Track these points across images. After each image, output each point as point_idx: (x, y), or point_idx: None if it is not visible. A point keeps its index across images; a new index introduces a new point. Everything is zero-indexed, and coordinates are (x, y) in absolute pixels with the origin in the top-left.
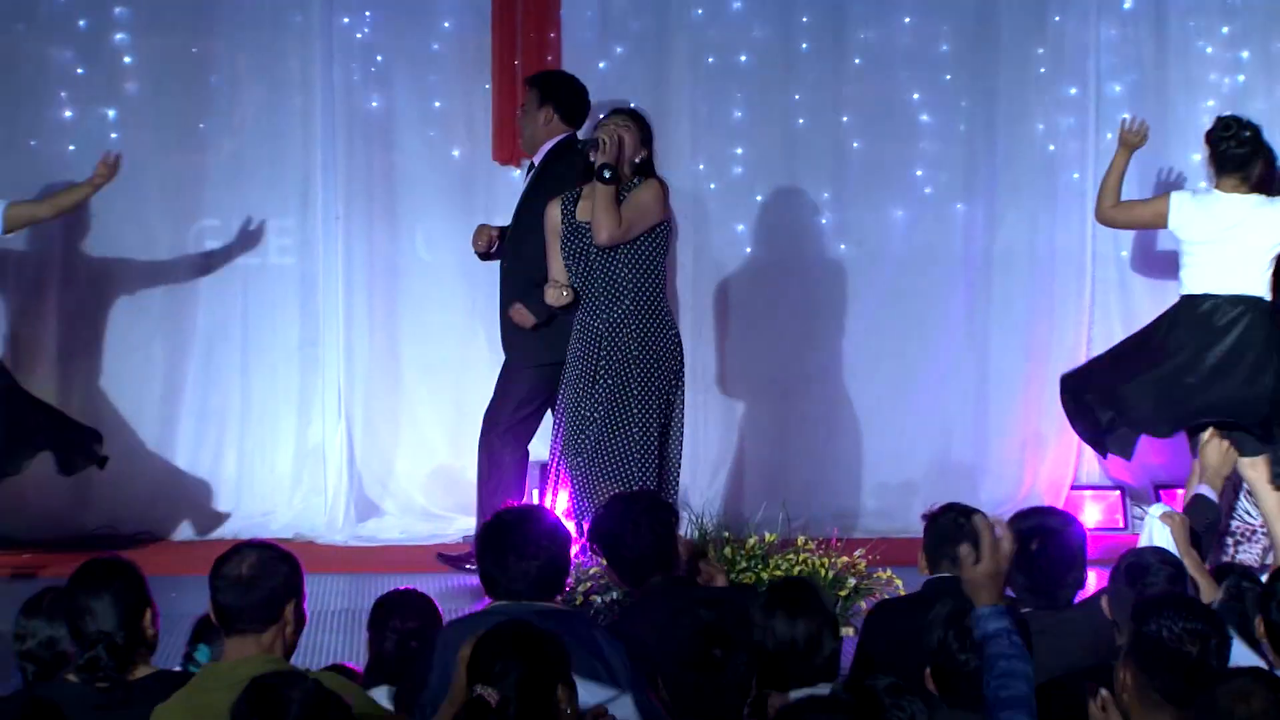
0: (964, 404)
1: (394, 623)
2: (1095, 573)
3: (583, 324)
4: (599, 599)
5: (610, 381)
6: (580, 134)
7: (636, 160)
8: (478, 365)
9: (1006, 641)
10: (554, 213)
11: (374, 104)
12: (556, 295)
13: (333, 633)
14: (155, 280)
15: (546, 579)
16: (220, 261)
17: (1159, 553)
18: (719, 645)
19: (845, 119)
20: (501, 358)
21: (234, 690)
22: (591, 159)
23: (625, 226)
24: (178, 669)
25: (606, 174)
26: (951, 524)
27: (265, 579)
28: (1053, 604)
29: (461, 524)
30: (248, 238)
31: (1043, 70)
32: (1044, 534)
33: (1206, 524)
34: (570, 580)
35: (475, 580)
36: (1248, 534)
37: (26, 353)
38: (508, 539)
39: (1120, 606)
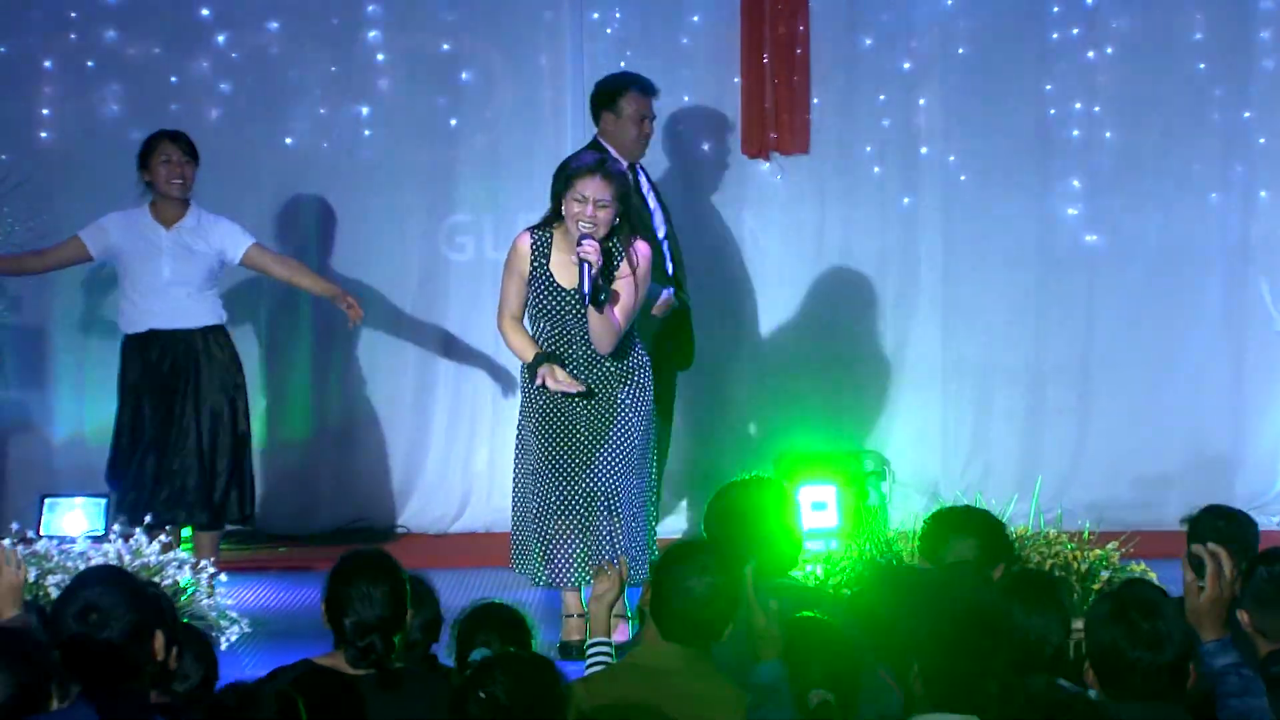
0: (1220, 396)
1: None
2: None
3: None
4: None
5: (614, 428)
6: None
7: (614, 221)
8: (729, 361)
9: (1236, 678)
10: (523, 249)
11: None
12: (555, 381)
13: None
14: (407, 276)
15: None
16: (471, 257)
17: None
18: (986, 636)
19: (1096, 109)
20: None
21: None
22: (585, 288)
23: (623, 325)
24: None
25: (604, 297)
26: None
27: None
28: None
29: None
30: (499, 233)
31: None
32: None
33: None
34: None
35: None
36: None
37: (284, 351)
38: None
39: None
